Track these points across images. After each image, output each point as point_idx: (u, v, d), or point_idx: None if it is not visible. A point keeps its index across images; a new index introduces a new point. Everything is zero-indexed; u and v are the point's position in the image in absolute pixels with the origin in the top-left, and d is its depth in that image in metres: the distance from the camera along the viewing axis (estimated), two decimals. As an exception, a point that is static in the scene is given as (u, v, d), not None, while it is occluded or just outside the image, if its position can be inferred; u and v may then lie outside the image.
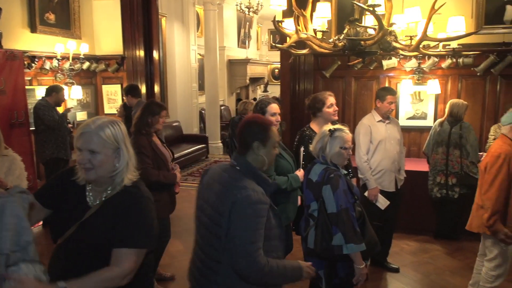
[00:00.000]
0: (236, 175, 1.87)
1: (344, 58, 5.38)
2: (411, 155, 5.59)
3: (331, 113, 3.32)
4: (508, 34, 5.09)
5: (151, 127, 3.38)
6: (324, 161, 2.52)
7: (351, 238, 2.32)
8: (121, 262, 1.60)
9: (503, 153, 2.82)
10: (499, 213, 2.82)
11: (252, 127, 1.94)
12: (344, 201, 2.36)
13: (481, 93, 5.31)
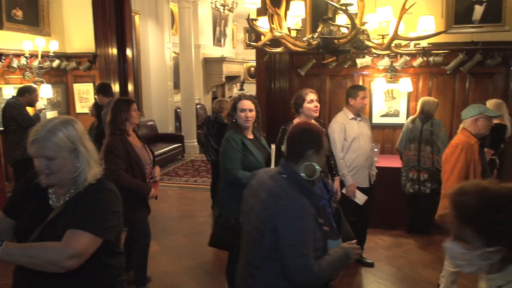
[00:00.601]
0: (282, 184, 1.83)
1: (319, 57, 5.42)
2: (385, 152, 5.70)
3: (311, 109, 3.38)
4: (477, 33, 5.24)
5: (125, 124, 3.29)
6: None
7: (329, 234, 2.34)
8: (68, 240, 1.52)
9: (460, 144, 3.04)
10: None
11: (306, 134, 1.92)
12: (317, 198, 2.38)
13: (451, 91, 5.46)
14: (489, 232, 1.09)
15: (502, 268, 1.12)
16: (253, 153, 2.99)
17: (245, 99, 3.04)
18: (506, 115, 4.44)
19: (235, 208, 2.92)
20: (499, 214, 1.07)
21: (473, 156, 3.03)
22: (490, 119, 3.09)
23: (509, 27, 5.14)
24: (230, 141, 2.95)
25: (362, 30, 2.88)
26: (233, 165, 2.88)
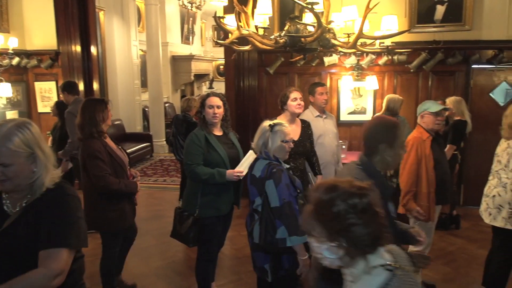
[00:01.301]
0: (355, 173, 1.85)
1: (287, 55, 5.46)
2: (352, 149, 5.80)
3: (294, 106, 3.46)
4: (438, 33, 5.42)
5: (102, 125, 3.12)
6: (267, 156, 2.54)
7: (294, 231, 2.36)
8: (48, 263, 1.49)
9: (411, 140, 3.19)
10: (411, 193, 3.15)
11: (378, 128, 1.91)
12: (287, 194, 2.40)
13: (415, 88, 5.64)
14: (330, 227, 1.12)
15: (350, 264, 1.14)
16: (216, 150, 2.99)
17: (213, 96, 3.05)
18: (466, 111, 4.61)
19: (194, 203, 2.98)
20: (338, 210, 1.11)
21: (424, 152, 3.12)
22: (435, 115, 3.17)
23: (469, 26, 5.35)
24: (192, 137, 2.99)
25: (328, 28, 2.91)
26: (193, 161, 2.92)
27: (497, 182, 3.09)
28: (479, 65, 5.47)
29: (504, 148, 3.07)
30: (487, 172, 3.15)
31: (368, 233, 1.12)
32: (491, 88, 5.60)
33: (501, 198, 3.03)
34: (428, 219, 3.17)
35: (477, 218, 5.37)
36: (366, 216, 1.12)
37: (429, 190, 3.15)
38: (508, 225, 3.01)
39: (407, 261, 1.24)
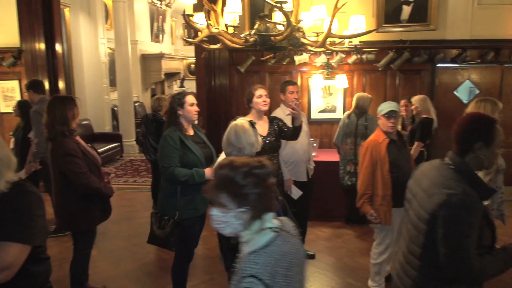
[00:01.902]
0: (448, 174, 1.75)
1: (258, 54, 5.46)
2: (323, 147, 5.88)
3: (260, 103, 3.43)
4: (405, 32, 5.56)
5: (72, 124, 3.02)
6: (239, 154, 2.52)
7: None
8: None
9: (367, 143, 3.27)
10: (366, 195, 3.21)
11: (475, 125, 1.79)
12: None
13: (383, 87, 5.76)
14: (238, 196, 1.37)
15: (248, 227, 1.41)
16: (192, 150, 2.96)
17: (191, 94, 3.05)
18: (432, 109, 4.74)
19: (173, 206, 2.93)
20: (244, 181, 1.37)
21: (378, 155, 3.15)
22: (386, 117, 3.16)
23: (434, 26, 5.51)
24: (167, 139, 2.91)
25: (298, 27, 2.93)
26: (170, 163, 2.86)
27: None
28: (444, 64, 5.64)
29: None
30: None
31: (266, 199, 1.41)
32: (455, 86, 5.79)
33: None
34: (385, 222, 3.19)
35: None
36: (263, 184, 1.40)
37: (385, 193, 3.15)
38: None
39: (292, 228, 1.57)
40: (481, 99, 3.17)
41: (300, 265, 1.52)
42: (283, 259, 1.42)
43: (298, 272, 1.49)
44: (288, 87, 3.88)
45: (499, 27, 5.46)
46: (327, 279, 3.86)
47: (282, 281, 1.40)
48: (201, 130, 3.24)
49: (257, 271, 1.36)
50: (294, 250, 1.49)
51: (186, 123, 3.02)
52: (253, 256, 1.40)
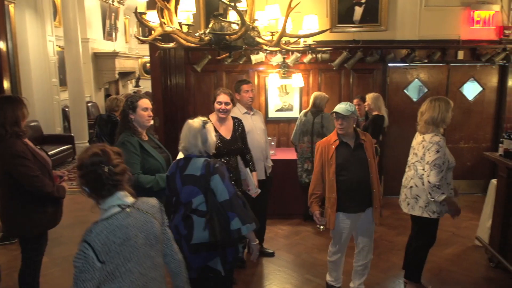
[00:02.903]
0: None
1: (215, 53, 5.42)
2: (281, 145, 5.94)
3: (218, 109, 3.43)
4: (357, 33, 5.71)
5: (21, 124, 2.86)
6: (200, 153, 2.50)
7: (246, 219, 2.41)
8: None
9: (319, 143, 3.28)
10: (314, 195, 3.22)
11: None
12: (232, 187, 2.44)
13: (338, 86, 5.89)
14: (85, 182, 1.74)
15: (100, 202, 1.76)
16: (153, 155, 2.86)
17: (144, 98, 2.93)
18: (383, 107, 4.92)
19: None
20: (81, 171, 1.74)
21: (326, 156, 3.15)
22: (336, 118, 3.13)
23: (384, 27, 5.70)
24: (127, 145, 2.75)
25: (253, 27, 2.93)
26: (133, 170, 2.68)
27: (414, 173, 3.30)
28: (394, 63, 5.86)
29: (419, 141, 3.28)
30: (405, 164, 3.35)
31: (96, 183, 1.73)
32: (405, 85, 6.03)
33: (418, 189, 3.25)
34: (328, 225, 3.18)
35: (396, 206, 5.74)
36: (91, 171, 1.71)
37: (330, 196, 3.14)
38: (425, 214, 3.24)
39: (148, 207, 1.86)
40: (435, 98, 3.29)
41: (145, 240, 1.77)
42: (119, 230, 1.68)
43: (139, 248, 1.73)
44: (242, 86, 3.88)
45: (444, 28, 5.73)
46: (286, 276, 3.90)
47: (117, 259, 1.65)
48: (154, 134, 3.16)
49: (90, 238, 1.64)
50: (138, 224, 1.76)
51: (140, 127, 2.89)
52: (92, 225, 1.68)
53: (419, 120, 3.32)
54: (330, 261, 3.44)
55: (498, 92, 6.02)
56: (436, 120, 3.18)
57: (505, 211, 3.80)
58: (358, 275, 3.41)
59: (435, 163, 3.07)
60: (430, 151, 3.11)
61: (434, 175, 3.06)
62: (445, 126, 3.25)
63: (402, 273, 3.85)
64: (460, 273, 3.84)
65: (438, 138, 3.14)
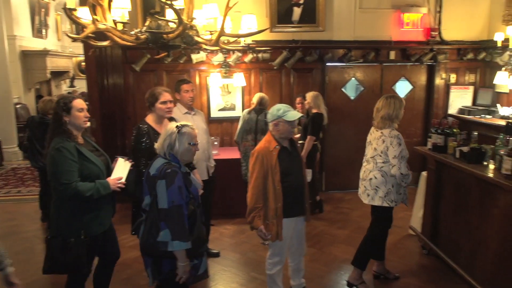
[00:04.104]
0: None
1: (154, 52, 5.27)
2: (225, 144, 5.92)
3: (163, 110, 3.24)
4: (297, 33, 5.83)
5: None
6: (170, 157, 2.43)
7: (178, 236, 2.28)
8: None
9: (256, 151, 2.96)
10: (257, 209, 2.91)
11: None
12: (178, 198, 2.31)
13: (279, 85, 5.99)
14: None
15: None
16: (92, 160, 2.67)
17: (78, 98, 2.74)
18: (322, 105, 5.07)
19: (76, 226, 2.61)
20: None
21: (269, 164, 2.90)
22: (291, 123, 2.93)
23: (322, 27, 5.87)
24: (62, 152, 2.52)
25: (191, 25, 2.89)
26: (71, 179, 2.51)
27: (373, 166, 3.45)
28: (332, 63, 6.05)
29: (377, 136, 3.44)
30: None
31: None
32: (343, 83, 6.25)
33: (377, 180, 3.41)
34: (275, 237, 2.94)
35: (337, 201, 6.00)
36: None
37: (277, 206, 2.91)
38: (384, 203, 3.42)
39: None
40: (389, 96, 3.50)
41: None
42: None
43: None
44: (182, 86, 3.80)
45: (377, 29, 6.02)
46: (232, 275, 3.89)
47: None
48: (91, 137, 2.96)
49: None
50: None
51: (75, 130, 2.68)
52: None
53: (375, 116, 3.49)
54: (270, 275, 3.19)
55: (426, 90, 6.43)
56: (391, 116, 3.38)
57: (435, 202, 4.07)
58: (298, 272, 3.41)
59: (402, 155, 3.30)
60: (393, 145, 3.30)
61: (404, 166, 3.29)
62: (398, 122, 3.45)
63: (344, 265, 4.00)
64: (397, 261, 4.05)
65: (397, 132, 3.36)
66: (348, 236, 4.71)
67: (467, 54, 6.16)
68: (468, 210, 3.55)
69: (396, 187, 3.41)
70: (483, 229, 3.34)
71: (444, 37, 6.08)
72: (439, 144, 3.93)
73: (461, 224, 3.67)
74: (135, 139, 3.16)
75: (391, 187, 3.39)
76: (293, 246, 3.28)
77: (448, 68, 6.28)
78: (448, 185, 3.90)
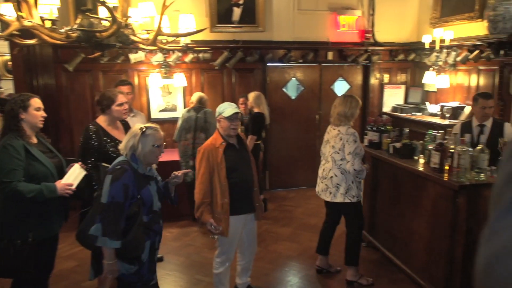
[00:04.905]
0: None
1: (89, 51, 5.03)
2: (167, 146, 5.77)
3: (120, 112, 3.17)
4: (237, 33, 5.84)
5: None
6: (131, 158, 2.39)
7: (108, 232, 2.25)
8: None
9: (203, 148, 3.05)
10: (204, 204, 2.97)
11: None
12: (120, 195, 2.28)
13: (220, 85, 5.97)
14: None
15: None
16: (41, 160, 2.57)
17: (36, 96, 2.66)
18: (264, 105, 5.11)
19: (23, 228, 2.52)
20: None
21: (215, 160, 2.97)
22: (230, 119, 3.00)
23: (262, 28, 5.93)
24: (8, 149, 2.45)
25: (126, 24, 2.79)
26: (12, 177, 2.42)
27: (332, 164, 3.52)
28: (273, 63, 6.14)
29: (335, 134, 3.52)
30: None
31: None
32: (284, 83, 6.36)
33: (338, 178, 3.50)
34: (222, 233, 2.99)
35: (280, 199, 6.09)
36: None
37: (222, 201, 2.96)
38: (346, 199, 3.52)
39: None
40: (347, 95, 3.62)
41: None
42: None
43: None
44: (119, 87, 3.68)
45: (315, 30, 6.18)
46: (176, 279, 3.82)
47: None
48: (45, 138, 2.81)
49: None
50: None
51: (30, 129, 2.61)
52: None
53: (332, 113, 3.59)
54: (217, 274, 3.21)
55: (362, 89, 6.71)
56: (347, 114, 3.49)
57: (372, 196, 4.26)
58: (245, 271, 3.44)
59: (356, 152, 3.40)
60: (349, 142, 3.41)
61: (358, 162, 3.40)
62: (353, 120, 3.57)
63: (288, 262, 4.07)
64: (338, 254, 4.18)
65: (353, 130, 3.48)
66: (292, 233, 4.81)
67: (399, 55, 6.52)
68: (402, 202, 3.76)
69: (356, 183, 3.54)
70: (415, 220, 3.56)
71: (378, 39, 6.38)
72: (374, 141, 4.11)
73: (396, 216, 3.88)
74: (82, 140, 3.10)
75: (351, 183, 3.51)
76: (244, 245, 3.33)
77: (381, 69, 6.61)
78: (384, 180, 4.10)
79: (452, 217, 3.07)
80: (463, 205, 2.98)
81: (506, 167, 0.36)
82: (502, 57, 4.73)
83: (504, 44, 4.58)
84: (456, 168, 3.01)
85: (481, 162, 3.10)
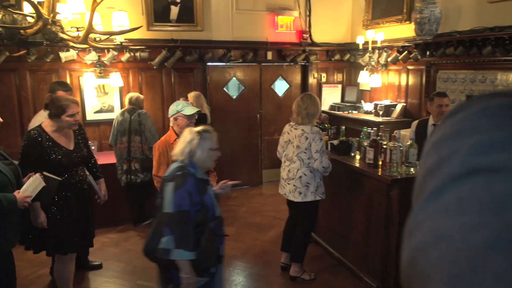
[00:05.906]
0: None
1: (14, 49, 4.69)
2: (103, 149, 5.56)
3: (71, 122, 2.98)
4: (176, 32, 5.73)
5: None
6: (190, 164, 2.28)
7: (182, 244, 2.11)
8: None
9: (157, 145, 3.24)
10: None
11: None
12: (186, 202, 2.15)
13: (159, 85, 5.82)
14: None
15: None
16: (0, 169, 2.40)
17: None
18: (205, 105, 5.07)
19: None
20: None
21: (170, 155, 3.02)
22: (189, 117, 3.19)
23: (201, 27, 5.86)
24: None
25: (53, 21, 2.62)
26: None
27: (300, 164, 3.52)
28: (213, 62, 6.10)
29: (299, 134, 3.52)
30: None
31: None
32: (224, 83, 6.35)
33: (307, 177, 3.51)
34: None
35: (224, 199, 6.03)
36: None
37: None
38: (317, 197, 3.55)
39: None
40: (311, 95, 3.64)
41: None
42: None
43: None
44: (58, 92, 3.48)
45: (254, 30, 6.23)
46: (116, 286, 3.69)
47: None
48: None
49: None
50: None
51: None
52: None
53: (298, 113, 3.56)
54: None
55: (301, 88, 6.87)
56: (315, 113, 3.55)
57: (312, 192, 4.38)
58: None
59: (323, 149, 3.46)
60: (315, 140, 3.45)
61: (326, 159, 3.45)
62: (317, 119, 3.63)
63: (233, 261, 4.07)
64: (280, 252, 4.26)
65: (317, 129, 3.53)
66: (236, 233, 4.81)
67: (335, 56, 6.75)
68: (341, 197, 3.90)
69: (322, 180, 3.60)
70: (354, 214, 3.71)
71: (315, 39, 6.56)
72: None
73: (335, 211, 4.02)
74: (22, 146, 2.90)
75: (320, 180, 3.57)
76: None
77: (319, 68, 6.80)
78: (324, 176, 4.22)
79: (386, 210, 3.24)
80: (396, 197, 3.15)
81: (426, 161, 0.38)
82: (428, 58, 5.05)
83: (429, 45, 4.90)
84: (388, 163, 3.18)
85: (411, 156, 3.30)
